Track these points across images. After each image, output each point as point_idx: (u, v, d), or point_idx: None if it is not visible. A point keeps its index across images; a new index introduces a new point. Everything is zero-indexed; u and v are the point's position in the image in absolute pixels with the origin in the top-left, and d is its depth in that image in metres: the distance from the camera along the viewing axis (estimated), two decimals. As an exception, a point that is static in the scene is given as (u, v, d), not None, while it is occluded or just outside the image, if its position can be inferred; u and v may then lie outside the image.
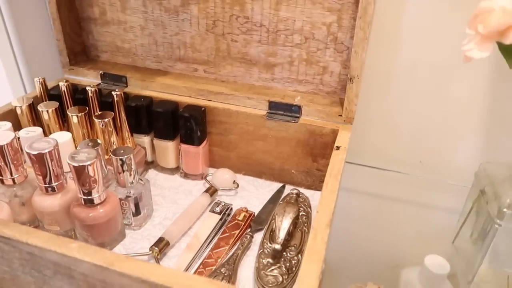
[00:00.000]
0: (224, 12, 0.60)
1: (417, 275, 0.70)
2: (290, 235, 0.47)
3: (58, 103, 0.56)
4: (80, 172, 0.43)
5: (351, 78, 0.54)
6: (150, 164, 0.65)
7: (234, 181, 0.60)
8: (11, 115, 0.57)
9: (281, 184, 0.62)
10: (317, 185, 0.61)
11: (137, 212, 0.52)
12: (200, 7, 0.61)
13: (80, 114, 0.54)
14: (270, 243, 0.47)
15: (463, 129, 0.63)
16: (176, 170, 0.64)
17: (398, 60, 0.61)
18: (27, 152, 0.44)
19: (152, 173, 0.64)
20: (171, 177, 0.63)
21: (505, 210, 0.41)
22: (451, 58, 0.58)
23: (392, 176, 0.71)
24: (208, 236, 0.51)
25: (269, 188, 0.62)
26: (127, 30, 0.67)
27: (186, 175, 0.63)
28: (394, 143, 0.69)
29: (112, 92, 0.55)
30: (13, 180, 0.47)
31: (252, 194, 0.60)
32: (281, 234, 0.45)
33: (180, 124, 0.59)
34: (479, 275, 0.46)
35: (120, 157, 0.48)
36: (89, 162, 0.43)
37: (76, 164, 0.43)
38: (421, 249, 0.69)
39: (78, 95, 0.61)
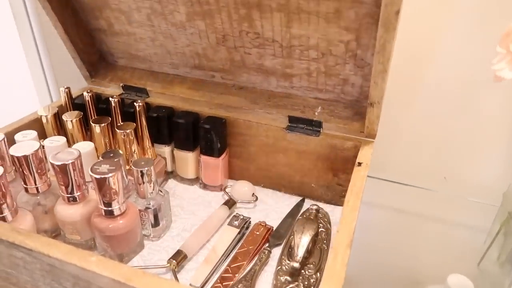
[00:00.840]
0: (233, 27, 0.57)
1: (439, 294, 0.68)
2: (309, 252, 0.46)
3: (82, 113, 0.57)
4: (101, 184, 0.44)
5: (371, 104, 0.52)
6: (170, 174, 0.65)
7: (253, 193, 0.60)
8: (37, 124, 0.58)
9: (300, 198, 0.61)
10: (337, 199, 0.60)
11: (156, 223, 0.52)
12: (206, 22, 0.58)
13: (102, 124, 0.55)
14: (289, 260, 0.46)
15: (490, 146, 0.62)
16: (195, 180, 0.64)
17: (423, 74, 0.60)
18: (51, 163, 0.45)
19: (171, 183, 0.64)
20: (190, 188, 0.64)
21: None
22: (479, 73, 0.56)
23: (415, 192, 0.69)
24: (226, 250, 0.50)
25: (288, 201, 0.61)
26: (137, 41, 0.66)
27: (205, 186, 0.63)
28: (417, 157, 0.67)
29: (135, 103, 0.56)
30: (37, 189, 0.48)
31: (271, 207, 0.60)
32: (300, 252, 0.44)
33: (201, 135, 0.59)
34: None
35: (141, 169, 0.48)
36: (110, 175, 0.43)
37: (98, 176, 0.43)
38: (444, 267, 0.66)
39: (101, 104, 0.62)
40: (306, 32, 0.54)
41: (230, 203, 0.57)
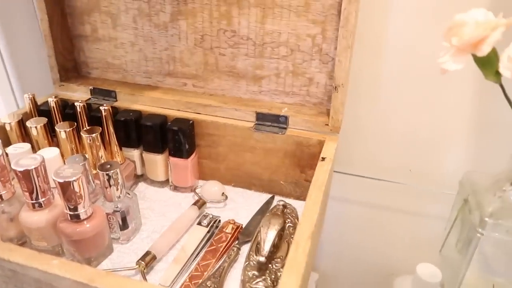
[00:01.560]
0: (212, 26, 0.61)
1: (409, 284, 0.70)
2: (275, 247, 0.47)
3: (46, 119, 0.57)
4: (65, 188, 0.43)
5: (336, 87, 0.54)
6: (140, 177, 0.65)
7: (223, 193, 0.60)
8: (0, 132, 0.57)
9: (270, 195, 0.62)
10: (305, 195, 0.60)
11: (124, 226, 0.52)
12: (188, 22, 0.62)
13: (68, 129, 0.54)
14: (256, 255, 0.47)
15: (450, 137, 0.64)
16: (165, 183, 0.64)
17: (385, 70, 0.61)
18: (13, 169, 0.44)
19: (141, 186, 0.65)
20: (160, 190, 0.64)
21: (486, 219, 0.41)
22: (437, 67, 0.58)
23: (383, 185, 0.71)
24: (195, 249, 0.51)
25: (258, 199, 0.62)
26: (117, 47, 0.67)
27: (175, 188, 0.63)
28: (383, 152, 0.69)
29: (100, 107, 0.56)
30: (1, 196, 0.48)
31: (241, 205, 0.61)
32: (266, 246, 0.45)
33: (169, 137, 0.59)
34: (465, 283, 0.46)
35: (107, 172, 0.48)
36: (74, 178, 0.43)
37: (61, 180, 0.43)
38: (414, 257, 0.68)
39: (68, 110, 0.62)
40: (278, 27, 0.58)
41: (199, 203, 0.58)
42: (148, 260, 0.48)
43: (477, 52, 0.34)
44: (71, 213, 0.45)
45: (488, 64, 0.35)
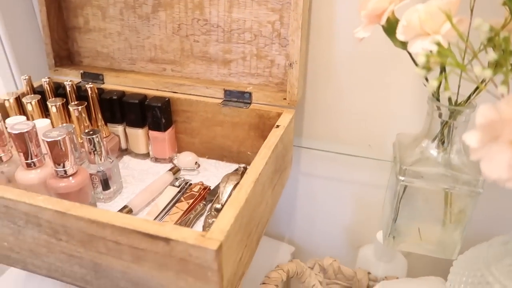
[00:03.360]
0: (187, 16, 0.69)
1: (372, 251, 0.77)
2: (232, 198, 0.55)
3: (40, 96, 0.65)
4: (52, 146, 0.51)
5: (290, 64, 0.62)
6: (124, 152, 0.73)
7: (196, 162, 0.68)
8: (0, 108, 0.66)
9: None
10: (270, 164, 0.68)
11: (106, 186, 0.60)
12: (167, 13, 0.70)
13: (58, 103, 0.63)
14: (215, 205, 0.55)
15: (402, 113, 0.71)
16: (147, 156, 0.72)
17: (337, 50, 0.68)
18: (9, 132, 0.53)
19: (126, 159, 0.73)
20: (142, 162, 0.72)
21: (405, 167, 0.48)
22: (383, 48, 0.65)
23: (346, 159, 0.78)
24: (167, 205, 0.59)
25: (229, 169, 0.70)
26: (106, 36, 0.76)
27: (156, 160, 0.71)
28: (344, 128, 0.76)
29: (87, 86, 0.64)
30: (0, 158, 0.56)
31: (212, 173, 0.68)
32: (224, 197, 0.53)
33: (148, 113, 0.67)
34: (397, 230, 0.53)
35: (89, 137, 0.56)
36: (60, 138, 0.51)
37: (48, 139, 0.51)
38: (378, 227, 0.75)
39: (60, 91, 0.70)
40: (243, 16, 0.66)
41: (174, 170, 0.66)
42: (124, 212, 0.56)
43: (380, 22, 0.42)
44: (58, 169, 0.53)
45: (392, 32, 0.42)
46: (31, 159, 0.54)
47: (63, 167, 0.53)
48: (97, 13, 0.74)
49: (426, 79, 0.42)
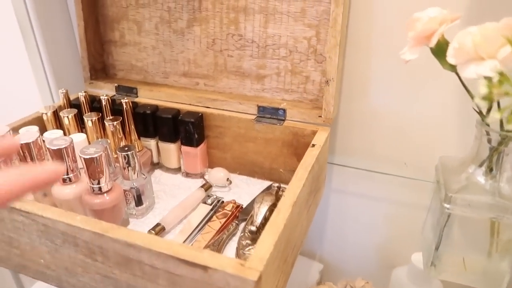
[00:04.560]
0: (222, 31, 0.69)
1: (406, 273, 0.74)
2: (266, 219, 0.53)
3: (76, 110, 0.66)
4: (89, 163, 0.52)
5: (327, 81, 0.60)
6: (156, 165, 0.73)
7: (228, 178, 0.67)
8: (38, 121, 0.67)
9: (271, 182, 0.69)
10: (302, 182, 0.67)
11: (139, 202, 0.60)
12: (202, 28, 0.70)
13: (94, 118, 0.63)
14: (249, 226, 0.53)
15: (441, 131, 0.68)
16: (179, 170, 0.72)
17: (374, 66, 0.66)
18: (48, 148, 0.53)
19: (157, 173, 0.73)
20: (173, 176, 0.72)
21: (451, 194, 0.46)
22: (422, 64, 0.63)
23: (380, 178, 0.76)
24: (200, 223, 0.58)
25: (260, 185, 0.69)
26: (141, 50, 0.77)
27: (187, 175, 0.71)
28: (379, 145, 0.74)
29: (122, 100, 0.65)
30: (37, 172, 0.56)
31: (243, 190, 0.67)
32: (258, 219, 0.52)
33: (180, 128, 0.67)
34: (439, 258, 0.51)
35: (124, 153, 0.56)
36: (96, 155, 0.51)
37: (86, 157, 0.51)
38: (410, 247, 0.73)
39: (95, 104, 0.71)
40: (278, 31, 0.65)
41: (206, 186, 0.65)
42: (157, 230, 0.55)
43: (428, 43, 0.40)
44: (93, 185, 0.53)
45: (441, 54, 0.41)
46: (67, 174, 0.55)
47: (99, 183, 0.53)
48: (133, 27, 0.75)
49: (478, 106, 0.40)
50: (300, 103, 0.67)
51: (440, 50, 0.40)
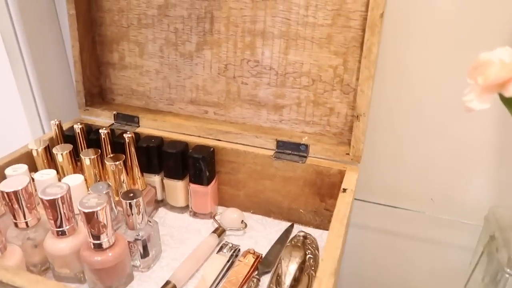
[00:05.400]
0: (236, 56, 0.62)
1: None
2: (296, 280, 0.47)
3: (72, 146, 0.58)
4: (90, 218, 0.44)
5: (357, 116, 0.54)
6: (160, 203, 0.66)
7: (242, 220, 0.60)
8: (27, 157, 0.59)
9: (289, 223, 0.62)
10: (325, 224, 0.61)
11: (145, 254, 0.52)
12: (213, 52, 0.63)
13: (92, 157, 0.56)
14: (276, 289, 0.47)
15: (473, 166, 0.63)
16: (185, 208, 0.65)
17: (404, 98, 0.61)
18: (40, 198, 0.45)
19: (161, 212, 0.65)
20: (180, 216, 0.64)
21: (515, 259, 0.40)
22: (458, 95, 0.58)
23: (404, 214, 0.70)
24: (216, 279, 0.51)
25: (277, 227, 0.62)
26: (143, 74, 0.69)
27: (195, 214, 0.64)
28: (404, 180, 0.68)
29: (124, 134, 0.57)
30: (26, 223, 0.49)
31: (260, 233, 0.60)
32: (287, 280, 0.45)
33: (189, 164, 0.60)
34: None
35: (129, 201, 0.49)
36: (98, 208, 0.44)
37: (86, 210, 0.44)
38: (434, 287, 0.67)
39: (92, 135, 0.63)
40: (300, 58, 0.59)
41: (219, 231, 0.58)
42: (168, 291, 0.48)
43: (503, 92, 0.34)
44: (94, 241, 0.46)
45: (515, 103, 0.35)
46: (62, 226, 0.47)
47: (99, 239, 0.46)
48: (134, 49, 0.68)
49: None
50: (322, 137, 0.61)
51: (513, 99, 0.34)
